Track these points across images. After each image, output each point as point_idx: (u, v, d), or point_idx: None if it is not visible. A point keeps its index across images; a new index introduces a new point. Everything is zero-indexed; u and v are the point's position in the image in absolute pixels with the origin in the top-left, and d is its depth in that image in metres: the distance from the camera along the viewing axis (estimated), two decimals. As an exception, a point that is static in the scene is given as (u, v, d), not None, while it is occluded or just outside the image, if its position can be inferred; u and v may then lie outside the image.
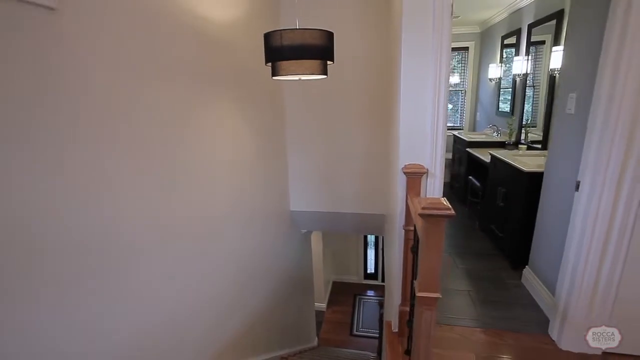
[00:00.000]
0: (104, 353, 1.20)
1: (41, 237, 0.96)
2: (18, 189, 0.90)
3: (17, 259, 0.90)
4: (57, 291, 1.02)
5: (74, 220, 1.06)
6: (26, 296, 0.93)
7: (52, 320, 1.00)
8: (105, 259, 1.19)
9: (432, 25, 1.54)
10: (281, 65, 1.62)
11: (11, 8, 0.87)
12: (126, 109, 1.28)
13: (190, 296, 1.75)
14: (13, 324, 0.90)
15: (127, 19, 1.28)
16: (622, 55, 1.44)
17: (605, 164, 1.55)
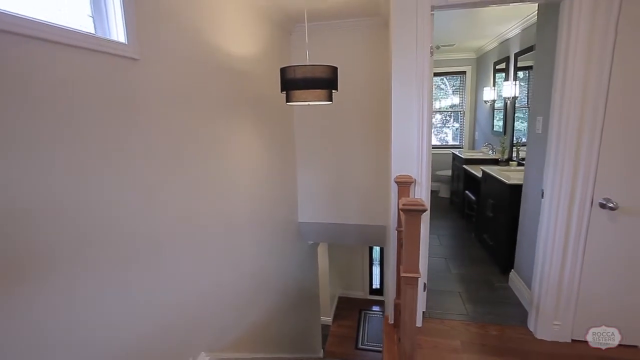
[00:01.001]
0: (146, 324, 1.53)
1: (111, 225, 1.32)
2: (117, 186, 1.27)
3: (89, 242, 1.26)
4: (112, 271, 1.37)
5: (137, 214, 1.42)
6: (91, 273, 1.28)
7: (107, 294, 1.35)
8: (149, 247, 1.54)
9: (415, 62, 1.91)
10: (294, 94, 2.00)
11: (110, 58, 1.27)
12: (177, 130, 1.67)
13: (214, 284, 2.07)
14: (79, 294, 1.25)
15: (184, 63, 1.69)
16: (565, 91, 1.79)
17: (560, 175, 1.87)
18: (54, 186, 1.07)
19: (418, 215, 1.45)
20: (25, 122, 0.99)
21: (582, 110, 1.78)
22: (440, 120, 6.32)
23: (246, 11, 2.50)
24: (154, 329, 1.54)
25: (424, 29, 1.87)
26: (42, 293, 1.04)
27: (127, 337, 1.38)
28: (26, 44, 0.99)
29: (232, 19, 2.29)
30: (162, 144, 1.57)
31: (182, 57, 1.71)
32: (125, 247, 1.36)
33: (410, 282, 1.52)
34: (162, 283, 1.59)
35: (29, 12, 1.04)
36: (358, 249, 7.21)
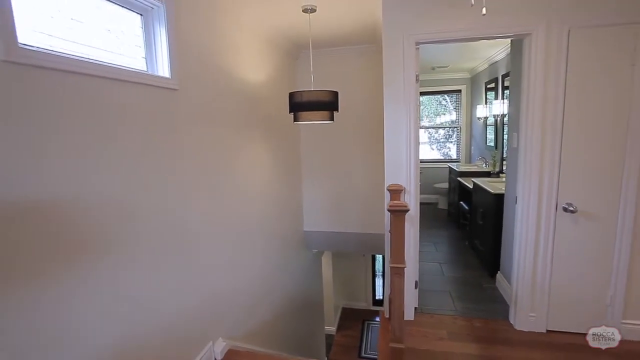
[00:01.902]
0: (177, 306, 1.84)
1: (152, 221, 1.66)
2: (162, 190, 1.61)
3: (136, 233, 1.59)
4: (151, 258, 1.69)
5: (173, 213, 1.76)
6: (139, 261, 1.60)
7: (149, 279, 1.67)
8: (180, 242, 1.86)
9: (402, 88, 2.26)
10: (300, 114, 2.36)
11: (159, 89, 1.63)
12: (203, 144, 2.02)
13: (230, 282, 2.38)
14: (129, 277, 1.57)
15: (210, 90, 2.06)
16: (528, 112, 2.12)
17: (529, 183, 2.18)
18: (116, 185, 1.41)
19: (402, 214, 1.76)
20: (100, 132, 1.34)
21: (543, 127, 2.10)
22: (444, 136, 6.59)
23: (259, 41, 2.90)
24: (184, 310, 1.85)
25: (410, 60, 2.23)
26: (106, 268, 1.36)
27: (164, 312, 1.69)
28: (105, 82, 1.35)
29: (247, 50, 2.68)
30: (192, 155, 1.91)
31: (207, 85, 2.08)
32: (161, 239, 1.69)
33: (397, 272, 1.82)
34: (189, 273, 1.91)
35: (105, 57, 1.41)
36: (361, 261, 7.44)
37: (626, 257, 2.12)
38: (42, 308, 1.11)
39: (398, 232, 1.78)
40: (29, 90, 1.07)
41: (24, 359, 1.06)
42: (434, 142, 6.62)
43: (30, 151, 1.07)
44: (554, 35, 2.01)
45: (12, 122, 1.03)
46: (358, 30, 3.18)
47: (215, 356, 2.13)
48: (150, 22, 1.69)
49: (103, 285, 1.35)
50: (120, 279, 1.43)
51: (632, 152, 2.01)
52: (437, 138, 6.62)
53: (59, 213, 1.17)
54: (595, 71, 2.01)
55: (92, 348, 1.30)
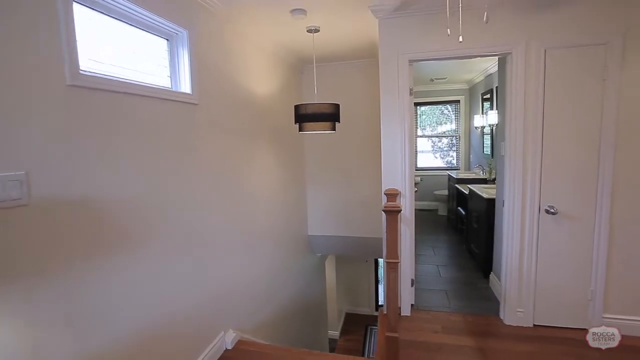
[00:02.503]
0: (197, 295, 2.06)
1: (176, 218, 1.89)
2: (184, 191, 1.84)
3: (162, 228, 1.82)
4: (178, 253, 1.91)
5: (193, 213, 1.99)
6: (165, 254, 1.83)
7: (172, 270, 1.89)
8: (200, 239, 2.09)
9: (397, 101, 2.49)
10: (305, 125, 2.59)
11: (182, 104, 1.88)
12: (219, 151, 2.26)
13: (240, 278, 2.59)
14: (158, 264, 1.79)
15: (224, 103, 2.31)
16: (511, 122, 2.34)
17: (514, 188, 2.39)
18: (148, 187, 1.65)
19: (395, 214, 1.97)
20: (135, 141, 1.58)
21: (525, 136, 2.32)
22: (447, 144, 6.77)
23: (266, 57, 3.16)
24: (200, 301, 2.06)
25: (404, 76, 2.47)
26: (140, 258, 1.59)
27: (184, 301, 1.91)
28: (141, 99, 1.59)
29: (257, 65, 2.94)
30: (209, 162, 2.15)
31: (222, 99, 2.33)
32: (183, 236, 1.91)
33: (392, 267, 2.02)
34: (205, 268, 2.12)
35: (139, 77, 1.66)
36: (363, 267, 7.59)
37: (604, 255, 2.30)
38: (89, 285, 1.34)
39: (392, 230, 1.99)
40: (86, 108, 1.32)
41: (74, 323, 1.28)
42: (437, 151, 6.82)
43: (86, 156, 1.31)
44: (532, 54, 2.24)
45: (75, 134, 1.26)
46: (358, 47, 3.44)
47: (226, 345, 2.33)
48: (175, 45, 1.95)
49: (136, 272, 1.57)
50: (151, 268, 1.65)
51: (605, 159, 2.21)
52: (440, 147, 6.81)
53: (107, 209, 1.40)
54: (570, 86, 2.23)
55: (125, 322, 1.51)
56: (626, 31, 2.10)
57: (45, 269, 1.17)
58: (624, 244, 2.28)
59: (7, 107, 1.06)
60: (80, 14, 1.36)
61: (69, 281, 1.25)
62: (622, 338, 2.20)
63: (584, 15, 2.15)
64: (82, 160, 1.30)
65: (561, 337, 2.38)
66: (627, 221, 2.26)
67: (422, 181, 6.70)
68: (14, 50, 1.08)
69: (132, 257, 1.55)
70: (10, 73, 1.07)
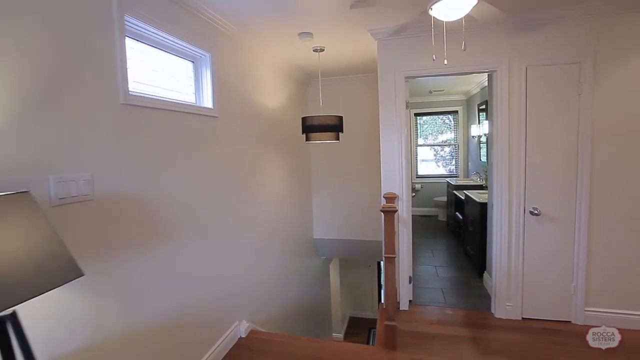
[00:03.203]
0: (219, 283, 2.31)
1: (199, 216, 2.15)
2: (207, 193, 2.11)
3: (186, 223, 2.08)
4: (201, 247, 2.18)
5: (214, 211, 2.25)
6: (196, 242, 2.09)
7: (197, 262, 2.15)
8: (220, 235, 2.35)
9: (395, 114, 2.76)
10: (311, 135, 2.87)
11: (205, 117, 2.16)
12: (235, 158, 2.53)
13: (252, 275, 2.84)
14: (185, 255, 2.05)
15: (239, 116, 2.60)
16: (497, 132, 2.60)
17: (501, 191, 2.63)
18: (179, 188, 1.92)
19: (392, 214, 2.22)
20: (170, 150, 1.85)
21: (510, 144, 2.57)
22: (449, 153, 7.01)
23: (277, 74, 3.46)
24: (219, 292, 2.32)
25: (401, 91, 2.74)
26: (176, 246, 1.85)
27: (206, 290, 2.16)
28: (170, 113, 1.88)
29: (268, 81, 3.23)
30: (227, 168, 2.42)
31: (237, 112, 2.61)
32: (205, 233, 2.18)
33: (389, 261, 2.26)
34: (223, 263, 2.38)
35: (171, 95, 1.95)
36: (367, 272, 7.79)
37: (584, 252, 2.53)
38: (137, 267, 1.60)
39: (389, 228, 2.24)
40: (138, 123, 1.60)
41: (123, 297, 1.54)
42: (440, 160, 7.05)
43: (133, 160, 1.59)
44: (515, 71, 2.51)
45: (124, 143, 1.54)
46: (359, 63, 3.73)
47: (240, 334, 2.57)
48: (199, 66, 2.24)
49: (170, 260, 1.83)
50: (181, 258, 1.91)
51: (583, 164, 2.46)
52: (443, 155, 7.05)
53: (147, 204, 1.67)
54: (549, 99, 2.49)
55: (162, 301, 1.77)
56: (596, 53, 2.36)
57: (107, 252, 1.43)
58: (602, 243, 2.51)
59: (78, 123, 1.34)
60: (127, 45, 1.64)
61: (124, 263, 1.52)
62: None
63: (560, 37, 2.42)
64: (130, 164, 1.58)
65: (546, 328, 2.59)
66: (605, 221, 2.49)
67: (422, 188, 6.94)
68: (87, 78, 1.37)
69: (166, 247, 1.81)
70: (82, 96, 1.35)
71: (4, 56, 1.09)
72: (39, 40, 1.20)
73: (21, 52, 1.14)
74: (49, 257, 0.86)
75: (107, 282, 1.45)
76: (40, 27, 1.21)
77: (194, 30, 2.09)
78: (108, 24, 1.48)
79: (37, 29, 1.20)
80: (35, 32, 1.19)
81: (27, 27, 1.16)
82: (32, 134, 1.17)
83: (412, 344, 2.45)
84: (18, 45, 1.14)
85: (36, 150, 1.19)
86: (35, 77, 1.19)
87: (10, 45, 1.11)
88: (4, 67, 1.09)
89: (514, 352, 2.31)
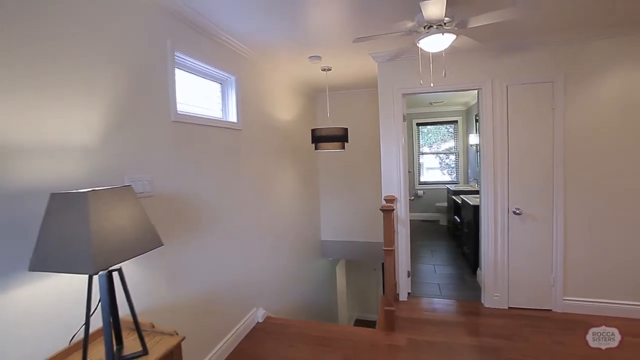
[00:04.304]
0: (240, 272, 2.69)
1: (225, 215, 2.55)
2: (232, 194, 2.51)
3: (216, 220, 2.48)
4: (227, 240, 2.57)
5: (238, 210, 2.65)
6: (227, 236, 2.48)
7: (223, 252, 2.54)
8: (241, 232, 2.74)
9: (393, 126, 3.14)
10: (320, 145, 3.26)
11: (231, 130, 2.57)
12: (255, 165, 2.94)
13: (267, 268, 3.22)
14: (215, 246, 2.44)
15: (258, 128, 3.01)
16: (483, 142, 2.96)
17: (487, 194, 2.99)
18: (211, 189, 2.32)
19: (390, 212, 2.59)
20: (205, 158, 2.26)
21: (494, 153, 2.94)
22: (454, 161, 7.33)
23: (289, 90, 3.88)
24: (240, 280, 2.69)
25: (399, 106, 3.13)
26: (209, 237, 2.24)
27: (230, 277, 2.54)
28: (205, 127, 2.29)
29: (281, 97, 3.65)
30: (248, 173, 2.82)
31: (257, 124, 3.02)
32: (230, 227, 2.56)
33: (388, 253, 2.62)
34: (243, 255, 2.76)
35: (205, 112, 2.36)
36: (372, 275, 8.08)
37: (561, 248, 2.86)
38: (182, 253, 1.99)
39: (388, 225, 2.61)
40: (182, 136, 2.01)
41: (174, 275, 1.93)
42: (445, 168, 7.38)
43: (179, 165, 1.99)
44: (497, 89, 2.89)
45: (173, 152, 1.95)
46: (362, 79, 4.13)
47: (257, 319, 2.93)
48: (226, 87, 2.66)
49: (204, 248, 2.22)
50: (213, 247, 2.30)
51: (557, 170, 2.81)
52: (448, 163, 7.37)
53: (190, 201, 2.07)
54: (527, 113, 2.86)
55: (198, 282, 2.15)
56: (566, 74, 2.74)
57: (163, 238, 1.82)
58: (577, 239, 2.84)
59: (142, 138, 1.74)
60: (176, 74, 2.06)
61: (173, 247, 1.91)
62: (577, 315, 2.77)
63: (535, 61, 2.80)
64: (177, 169, 1.98)
65: (529, 315, 2.91)
66: (578, 219, 2.82)
67: (424, 194, 7.27)
68: (149, 102, 1.78)
69: (200, 239, 2.20)
70: (144, 117, 1.76)
71: (99, 93, 1.51)
72: (118, 78, 1.62)
73: (107, 88, 1.56)
74: (143, 230, 1.25)
75: (163, 261, 1.85)
76: (119, 67, 1.63)
77: (222, 57, 2.51)
78: (163, 59, 1.90)
79: (117, 69, 1.62)
80: (116, 72, 1.61)
81: (112, 68, 1.58)
82: (114, 148, 1.58)
83: (409, 327, 2.79)
84: (105, 82, 1.55)
85: (117, 159, 1.59)
86: (115, 106, 1.60)
87: (103, 83, 1.53)
88: (98, 101, 1.51)
89: (498, 333, 2.64)
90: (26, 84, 1.23)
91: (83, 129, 1.43)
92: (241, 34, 2.49)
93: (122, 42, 1.65)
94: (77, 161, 1.41)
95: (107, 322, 1.17)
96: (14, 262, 1.17)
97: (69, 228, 1.07)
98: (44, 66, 1.29)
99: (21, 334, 1.20)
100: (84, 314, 1.17)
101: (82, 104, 1.43)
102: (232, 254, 2.60)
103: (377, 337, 2.67)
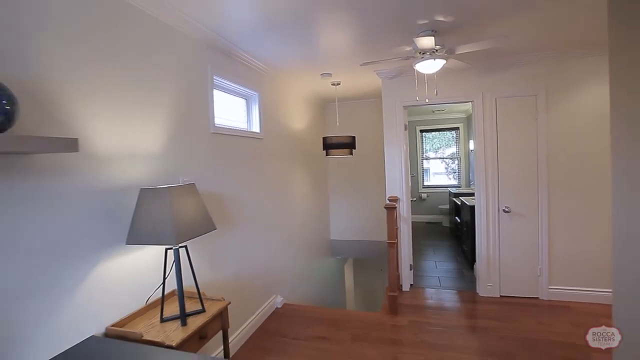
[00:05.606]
0: (259, 264, 3.09)
1: (248, 212, 2.96)
2: (255, 194, 2.93)
3: (242, 216, 2.89)
4: (251, 233, 2.98)
5: (260, 208, 3.06)
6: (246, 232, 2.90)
7: (249, 244, 2.95)
8: (264, 225, 3.15)
9: (395, 133, 3.54)
10: (330, 151, 3.67)
11: (255, 139, 3.00)
12: (274, 170, 3.35)
13: (284, 262, 3.62)
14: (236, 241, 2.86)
15: (276, 137, 3.43)
16: (478, 149, 3.35)
17: (480, 194, 3.36)
18: (239, 189, 2.74)
19: (392, 209, 2.98)
20: (235, 163, 2.68)
21: (486, 158, 3.32)
22: (458, 165, 7.64)
23: (302, 102, 4.31)
24: (262, 268, 3.09)
25: (400, 116, 3.53)
26: (237, 230, 2.66)
27: (254, 266, 2.95)
28: (234, 137, 2.71)
29: (295, 108, 4.08)
30: (268, 177, 3.24)
31: (275, 133, 3.45)
32: (253, 223, 2.97)
33: (391, 246, 3.00)
34: (263, 248, 3.17)
35: (231, 123, 2.79)
36: (379, 276, 8.40)
37: (546, 241, 3.21)
38: (218, 242, 2.40)
39: (391, 221, 2.99)
40: (218, 145, 2.43)
41: (214, 259, 2.34)
42: (451, 172, 7.73)
43: (216, 170, 2.41)
44: (487, 101, 3.28)
45: (212, 159, 2.37)
46: (369, 91, 4.55)
47: (276, 305, 3.32)
48: (250, 102, 3.09)
49: (232, 240, 2.63)
50: (240, 239, 2.71)
51: (541, 173, 3.18)
52: (453, 168, 7.72)
53: (224, 199, 2.48)
54: (514, 123, 3.24)
55: (230, 268, 2.56)
56: (547, 88, 3.12)
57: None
58: (560, 233, 3.19)
59: (191, 145, 2.17)
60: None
61: (212, 237, 2.32)
62: (561, 302, 3.10)
63: (520, 77, 3.19)
64: (214, 171, 2.40)
65: (517, 302, 3.26)
66: (561, 216, 3.18)
67: (428, 197, 7.63)
68: (195, 118, 2.21)
69: (230, 231, 2.61)
70: (192, 129, 2.19)
71: (162, 113, 1.94)
72: (173, 100, 2.05)
73: (167, 107, 1.99)
74: (203, 217, 1.66)
75: (206, 246, 2.26)
76: (175, 91, 2.06)
77: (247, 77, 2.94)
78: (205, 82, 2.33)
79: (173, 93, 2.05)
80: (171, 94, 2.04)
81: (169, 92, 2.01)
82: (171, 155, 2.00)
83: (410, 311, 3.16)
84: (168, 104, 1.98)
85: (172, 163, 2.01)
86: (171, 121, 2.02)
87: (165, 105, 1.96)
88: (162, 119, 1.93)
89: (489, 316, 3.00)
90: (127, 113, 1.66)
91: (154, 140, 1.86)
92: (264, 57, 2.92)
93: (177, 72, 2.08)
94: (148, 165, 1.83)
95: (180, 284, 1.58)
96: (112, 238, 1.59)
97: (157, 213, 1.49)
98: (134, 95, 1.72)
99: (114, 292, 1.62)
100: (156, 282, 1.58)
101: (154, 122, 1.86)
102: (256, 246, 3.00)
103: (382, 318, 3.04)
